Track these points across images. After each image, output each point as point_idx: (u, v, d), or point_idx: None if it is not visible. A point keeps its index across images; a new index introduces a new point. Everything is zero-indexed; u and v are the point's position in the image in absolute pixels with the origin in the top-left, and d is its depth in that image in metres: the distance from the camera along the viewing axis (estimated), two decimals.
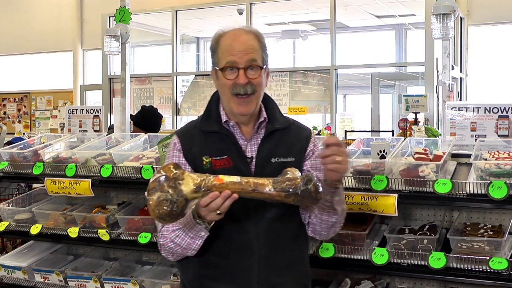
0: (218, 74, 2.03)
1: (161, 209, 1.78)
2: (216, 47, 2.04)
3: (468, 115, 3.18)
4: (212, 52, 2.06)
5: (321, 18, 8.93)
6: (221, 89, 2.06)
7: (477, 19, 7.45)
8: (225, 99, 2.06)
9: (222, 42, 2.02)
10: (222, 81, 2.02)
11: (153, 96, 8.69)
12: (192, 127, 2.14)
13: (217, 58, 2.04)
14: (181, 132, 2.13)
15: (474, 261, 2.52)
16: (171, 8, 8.34)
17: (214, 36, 2.06)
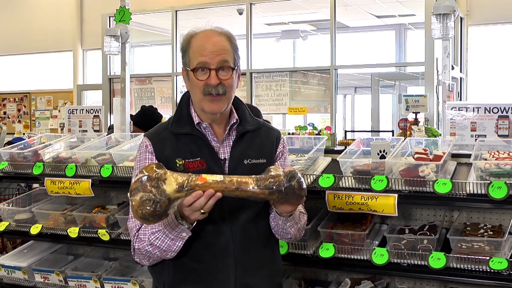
0: (190, 75, 2.02)
1: (144, 209, 1.77)
2: (187, 47, 2.03)
3: (468, 115, 3.19)
4: (182, 52, 2.05)
5: (321, 18, 8.93)
6: (193, 90, 2.05)
7: (477, 19, 7.45)
8: (196, 99, 2.05)
9: (194, 42, 2.01)
10: (193, 81, 2.01)
11: (154, 96, 8.69)
12: (162, 129, 2.10)
13: (188, 59, 2.02)
14: (152, 135, 2.09)
15: (474, 261, 2.52)
16: (171, 8, 8.34)
17: (185, 37, 2.06)
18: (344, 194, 2.71)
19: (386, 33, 10.03)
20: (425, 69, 6.52)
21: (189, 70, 2.02)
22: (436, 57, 6.06)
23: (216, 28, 2.05)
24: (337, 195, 2.71)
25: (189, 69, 2.01)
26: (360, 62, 8.40)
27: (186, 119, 2.08)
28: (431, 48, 6.36)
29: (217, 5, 8.38)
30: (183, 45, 2.05)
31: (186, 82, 2.08)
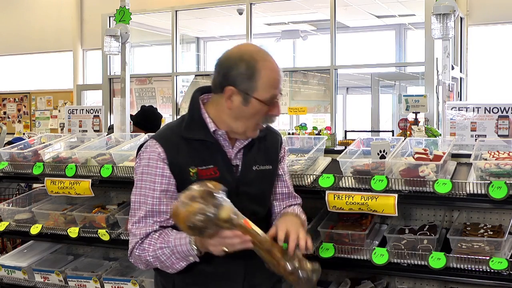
0: (252, 102, 1.98)
1: (195, 220, 1.78)
2: (254, 74, 1.96)
3: (468, 115, 3.19)
4: (245, 76, 1.97)
5: (321, 18, 8.92)
6: (248, 117, 2.01)
7: (477, 19, 7.45)
8: (244, 125, 2.02)
9: (264, 72, 1.98)
10: (255, 110, 1.99)
11: (156, 95, 8.69)
12: (173, 133, 2.07)
13: (255, 87, 1.97)
14: (164, 140, 2.04)
15: (474, 261, 2.52)
16: (171, 8, 8.34)
17: (248, 60, 1.97)
18: (344, 194, 2.71)
19: (386, 33, 10.02)
20: (425, 69, 6.52)
21: (252, 97, 1.97)
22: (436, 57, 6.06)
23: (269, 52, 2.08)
24: (337, 195, 2.71)
25: (253, 97, 1.97)
26: (360, 62, 8.40)
27: (199, 124, 2.06)
28: (431, 48, 6.35)
29: (217, 5, 8.38)
30: (248, 70, 1.97)
31: (230, 103, 2.00)
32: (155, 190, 2.01)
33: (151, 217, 2.02)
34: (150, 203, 2.02)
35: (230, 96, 2.00)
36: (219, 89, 2.03)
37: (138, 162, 2.09)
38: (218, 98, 2.05)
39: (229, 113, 2.03)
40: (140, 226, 2.02)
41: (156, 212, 2.02)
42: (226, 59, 2.01)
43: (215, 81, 2.05)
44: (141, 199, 2.04)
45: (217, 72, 2.03)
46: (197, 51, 10.66)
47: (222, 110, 2.05)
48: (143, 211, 2.02)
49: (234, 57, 1.99)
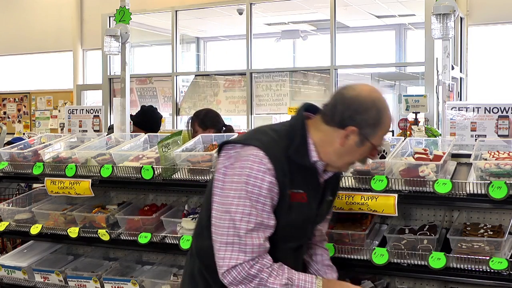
0: (365, 145, 2.01)
1: None
2: (379, 122, 1.99)
3: (468, 115, 3.19)
4: (372, 122, 1.98)
5: (321, 18, 8.92)
6: (353, 154, 2.04)
7: (477, 19, 7.45)
8: (345, 161, 2.07)
9: (385, 123, 2.01)
10: (365, 152, 2.04)
11: (157, 95, 8.69)
12: (279, 149, 1.99)
13: (376, 133, 2.00)
14: (273, 156, 1.96)
15: (474, 261, 2.52)
16: (171, 8, 8.34)
17: (378, 107, 1.99)
18: (344, 194, 2.71)
19: (386, 33, 10.02)
20: (425, 69, 6.52)
21: (368, 141, 2.01)
22: (436, 57, 6.06)
23: None
24: (337, 195, 2.70)
25: (370, 141, 2.01)
26: (360, 62, 8.40)
27: (304, 150, 2.04)
28: (431, 48, 6.35)
29: (217, 5, 8.38)
30: (375, 115, 1.98)
31: (345, 140, 2.00)
32: (265, 204, 1.94)
33: (259, 232, 1.93)
34: (258, 215, 1.93)
35: (348, 135, 2.00)
36: (337, 124, 2.00)
37: (234, 166, 1.97)
38: (331, 131, 2.02)
39: (338, 149, 2.03)
40: (248, 242, 1.91)
41: (264, 225, 1.94)
42: (356, 100, 1.98)
43: (336, 115, 2.00)
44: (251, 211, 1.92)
45: (343, 108, 1.99)
46: (197, 51, 10.67)
47: (330, 143, 2.03)
48: (253, 224, 1.92)
49: (366, 101, 1.98)
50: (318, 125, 2.05)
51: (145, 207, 3.44)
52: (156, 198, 3.64)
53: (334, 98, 2.03)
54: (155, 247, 3.23)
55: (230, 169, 1.97)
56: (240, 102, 7.90)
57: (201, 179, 3.07)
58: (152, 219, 3.25)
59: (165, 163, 3.15)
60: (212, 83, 8.23)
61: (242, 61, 7.98)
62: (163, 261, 3.56)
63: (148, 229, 3.21)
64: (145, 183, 3.20)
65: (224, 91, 8.11)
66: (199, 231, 2.11)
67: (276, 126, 2.11)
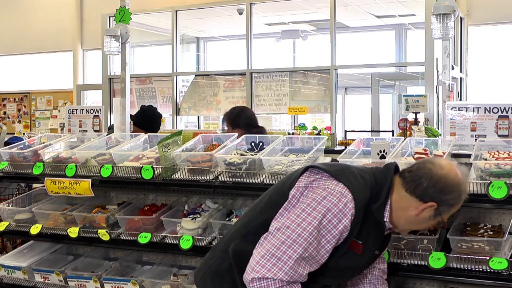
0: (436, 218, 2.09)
1: None
2: (455, 204, 2.08)
3: (468, 115, 3.18)
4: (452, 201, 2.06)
5: (321, 18, 8.92)
6: (421, 224, 2.15)
7: (477, 19, 7.45)
8: (412, 227, 2.19)
9: (459, 204, 2.09)
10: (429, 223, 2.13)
11: (156, 95, 8.69)
12: (364, 198, 2.02)
13: (449, 210, 2.09)
14: (358, 202, 1.99)
15: (474, 261, 2.51)
16: (171, 8, 8.34)
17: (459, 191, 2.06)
18: None
19: (386, 33, 10.02)
20: (425, 69, 6.52)
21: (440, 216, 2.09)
22: (436, 57, 6.06)
23: None
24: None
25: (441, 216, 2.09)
26: (360, 62, 8.40)
27: (382, 208, 2.07)
28: (431, 48, 6.36)
29: (217, 5, 8.38)
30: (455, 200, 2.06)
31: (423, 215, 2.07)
32: (329, 243, 1.96)
33: (308, 264, 1.95)
34: (318, 250, 1.94)
35: (425, 209, 2.06)
36: (419, 196, 2.05)
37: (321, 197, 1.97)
38: (409, 200, 2.07)
39: (411, 217, 2.09)
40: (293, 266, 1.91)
41: (316, 261, 1.97)
42: (443, 179, 2.03)
43: (419, 188, 2.04)
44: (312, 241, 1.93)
45: (428, 184, 2.03)
46: (197, 51, 10.67)
47: (405, 210, 2.08)
48: (308, 253, 1.93)
49: (453, 184, 2.05)
50: (399, 188, 2.09)
51: (145, 207, 3.44)
52: (156, 198, 3.64)
53: (420, 171, 2.06)
54: (155, 247, 3.23)
55: (311, 192, 2.00)
56: (240, 102, 7.89)
57: (201, 179, 3.07)
58: (152, 219, 3.25)
59: (165, 163, 3.15)
60: (212, 83, 8.23)
61: (242, 61, 7.98)
62: (163, 261, 3.56)
63: (148, 229, 3.21)
64: (145, 183, 3.20)
65: (224, 91, 8.11)
66: (245, 233, 2.09)
67: (363, 171, 2.12)
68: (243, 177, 2.96)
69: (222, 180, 3.02)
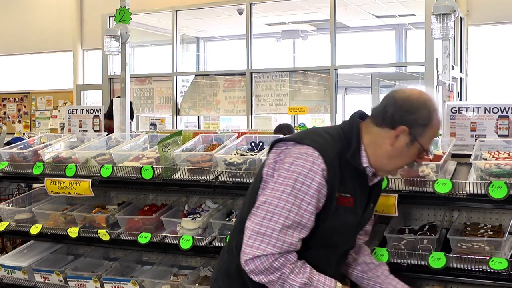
0: (414, 146, 2.02)
1: None
2: (430, 123, 2.01)
3: (468, 115, 3.18)
4: (423, 122, 2.00)
5: (321, 18, 8.93)
6: (402, 157, 2.06)
7: (477, 19, 7.45)
8: (395, 163, 2.08)
9: (435, 124, 2.03)
10: (410, 153, 2.04)
11: (153, 96, 8.69)
12: (334, 152, 1.99)
13: (425, 134, 2.02)
14: (327, 157, 1.96)
15: (474, 261, 2.52)
16: (171, 8, 8.34)
17: (429, 107, 2.01)
18: None
19: (386, 33, 10.03)
20: (425, 69, 6.52)
21: (417, 142, 2.02)
22: (436, 57, 6.06)
23: None
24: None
25: (419, 142, 2.02)
26: (360, 62, 8.40)
27: (357, 155, 2.04)
28: (431, 48, 6.36)
29: (217, 5, 8.38)
30: (426, 115, 2.01)
31: (396, 141, 2.02)
32: (309, 204, 1.93)
33: (295, 231, 1.92)
34: (298, 214, 1.92)
35: (398, 135, 2.02)
36: (388, 125, 2.02)
37: (285, 162, 1.97)
38: (382, 133, 2.04)
39: (389, 150, 2.04)
40: (280, 237, 1.90)
41: (301, 225, 1.93)
42: (407, 100, 2.01)
43: (386, 116, 2.02)
44: (292, 208, 1.91)
45: (394, 109, 2.01)
46: (197, 51, 10.67)
47: (381, 145, 2.04)
48: (291, 220, 1.90)
49: (417, 101, 2.01)
50: (369, 128, 2.07)
51: (145, 207, 3.44)
52: (156, 198, 3.64)
53: (384, 101, 2.05)
54: (155, 247, 3.23)
55: (280, 163, 1.99)
56: (240, 102, 7.90)
57: (201, 179, 3.07)
58: (152, 219, 3.25)
59: (165, 163, 3.15)
60: (212, 83, 8.23)
61: (242, 61, 7.99)
62: (163, 261, 3.56)
63: (148, 229, 3.21)
64: (145, 183, 3.20)
65: (223, 91, 8.11)
66: (241, 229, 2.05)
67: (329, 129, 2.12)
68: (243, 177, 2.96)
69: (222, 180, 3.02)
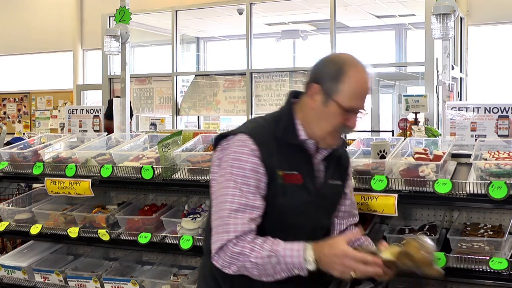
0: (331, 106, 1.96)
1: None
2: (341, 76, 1.94)
3: (468, 115, 3.18)
4: (332, 77, 1.95)
5: (321, 18, 8.92)
6: (326, 119, 1.99)
7: (477, 19, 7.45)
8: (323, 128, 2.00)
9: (353, 79, 1.94)
10: (332, 115, 1.97)
11: (153, 96, 8.69)
12: (266, 133, 2.00)
13: (339, 89, 1.94)
14: (257, 137, 1.97)
15: (474, 261, 2.51)
16: (171, 8, 8.34)
17: (336, 61, 1.97)
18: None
19: (386, 33, 10.02)
20: (425, 69, 6.52)
21: (332, 99, 1.95)
22: (436, 57, 6.05)
23: (366, 66, 2.01)
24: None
25: (333, 99, 1.95)
26: None
27: (292, 130, 2.03)
28: (431, 48, 6.35)
29: (217, 5, 8.38)
30: (334, 69, 1.95)
31: (314, 102, 1.99)
32: (249, 185, 1.93)
33: (242, 212, 1.91)
34: (243, 196, 1.92)
35: (313, 95, 1.99)
36: (307, 88, 2.03)
37: (224, 155, 1.99)
38: (305, 99, 2.04)
39: (312, 113, 2.01)
40: (231, 222, 1.90)
41: (249, 206, 1.92)
42: (320, 61, 2.02)
43: (306, 82, 2.04)
44: (234, 192, 1.92)
45: (311, 72, 2.03)
46: (197, 51, 10.67)
47: (307, 111, 2.03)
48: (236, 204, 1.91)
49: (328, 58, 2.01)
50: (300, 101, 2.07)
51: (145, 207, 3.44)
52: (156, 198, 3.64)
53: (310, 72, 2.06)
54: (155, 247, 3.23)
55: (222, 160, 2.01)
56: (239, 102, 7.89)
57: (201, 179, 3.07)
58: (152, 219, 3.25)
59: (165, 163, 3.15)
60: (212, 83, 8.23)
61: (242, 61, 7.98)
62: (163, 261, 3.56)
63: (148, 229, 3.21)
64: (145, 183, 3.20)
65: (223, 91, 8.11)
66: (208, 229, 2.07)
67: (267, 115, 2.14)
68: None
69: None
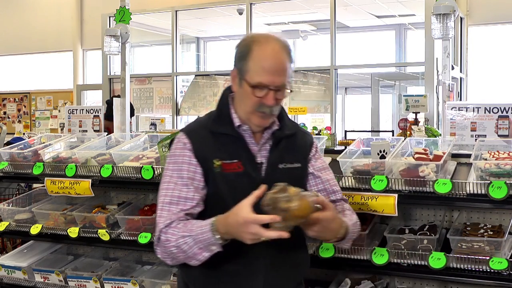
0: (244, 84, 1.98)
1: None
2: (247, 54, 1.96)
3: (468, 115, 3.18)
4: (240, 56, 1.98)
5: (321, 18, 8.92)
6: (244, 99, 2.01)
7: (477, 19, 7.45)
8: (245, 109, 2.02)
9: (257, 53, 1.95)
10: (247, 94, 1.98)
11: (153, 96, 8.69)
12: (200, 127, 2.09)
13: (246, 68, 1.96)
14: (190, 132, 2.07)
15: (474, 261, 2.52)
16: (171, 8, 8.34)
17: (247, 40, 2.00)
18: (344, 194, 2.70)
19: (386, 33, 10.02)
20: (425, 69, 6.51)
21: (244, 80, 1.98)
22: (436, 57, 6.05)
23: (278, 39, 2.01)
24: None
25: (244, 78, 1.98)
26: (360, 62, 8.40)
27: (226, 119, 2.06)
28: (431, 48, 6.35)
29: (217, 5, 8.38)
30: (243, 49, 1.98)
31: (235, 85, 2.04)
32: (182, 178, 1.99)
33: (175, 205, 1.97)
34: (176, 189, 1.99)
35: (234, 78, 2.04)
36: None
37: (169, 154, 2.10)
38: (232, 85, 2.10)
39: (236, 97, 2.07)
40: (163, 214, 1.98)
41: (182, 198, 1.98)
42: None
43: None
44: (168, 186, 2.02)
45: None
46: (197, 51, 10.66)
47: (235, 97, 2.09)
48: (169, 197, 1.99)
49: (240, 40, 2.05)
50: None
51: (145, 207, 3.44)
52: (156, 198, 3.63)
53: None
54: None
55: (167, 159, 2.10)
56: None
57: None
58: (152, 219, 3.25)
59: (165, 163, 3.15)
60: (212, 83, 8.23)
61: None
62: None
63: (148, 229, 3.21)
64: (145, 183, 3.20)
65: None
66: None
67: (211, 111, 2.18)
68: None
69: None
